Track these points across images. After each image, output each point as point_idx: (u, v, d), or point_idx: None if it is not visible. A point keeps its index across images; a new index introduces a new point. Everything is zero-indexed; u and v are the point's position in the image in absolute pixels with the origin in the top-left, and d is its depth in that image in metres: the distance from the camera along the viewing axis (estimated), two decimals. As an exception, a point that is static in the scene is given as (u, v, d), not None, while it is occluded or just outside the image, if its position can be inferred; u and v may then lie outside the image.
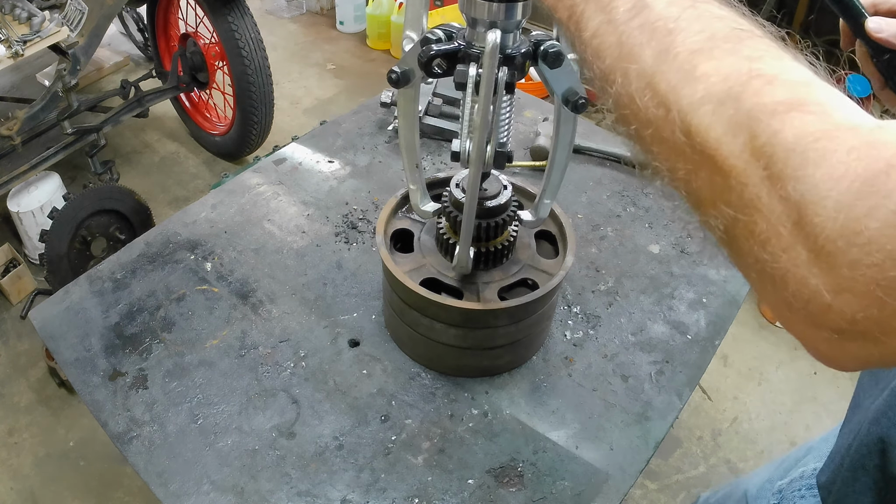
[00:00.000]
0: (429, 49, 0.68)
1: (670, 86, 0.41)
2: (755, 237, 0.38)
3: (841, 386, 2.30)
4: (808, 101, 0.36)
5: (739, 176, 0.38)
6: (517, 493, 0.82)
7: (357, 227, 1.16)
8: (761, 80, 0.38)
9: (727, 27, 0.42)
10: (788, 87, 0.37)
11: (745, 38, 0.41)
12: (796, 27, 2.69)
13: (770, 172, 0.36)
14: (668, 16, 0.43)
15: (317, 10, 4.19)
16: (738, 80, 0.38)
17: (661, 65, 0.42)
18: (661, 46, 0.42)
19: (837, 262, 0.34)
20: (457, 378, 0.94)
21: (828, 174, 0.34)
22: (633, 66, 0.43)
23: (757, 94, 0.37)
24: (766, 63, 0.39)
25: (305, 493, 0.81)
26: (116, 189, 2.32)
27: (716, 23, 0.42)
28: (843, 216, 0.33)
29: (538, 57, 0.69)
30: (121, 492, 1.93)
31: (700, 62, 0.40)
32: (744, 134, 0.37)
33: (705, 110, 0.39)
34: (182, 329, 0.98)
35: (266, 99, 2.68)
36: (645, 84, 0.42)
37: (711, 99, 0.39)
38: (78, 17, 2.16)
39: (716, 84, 0.39)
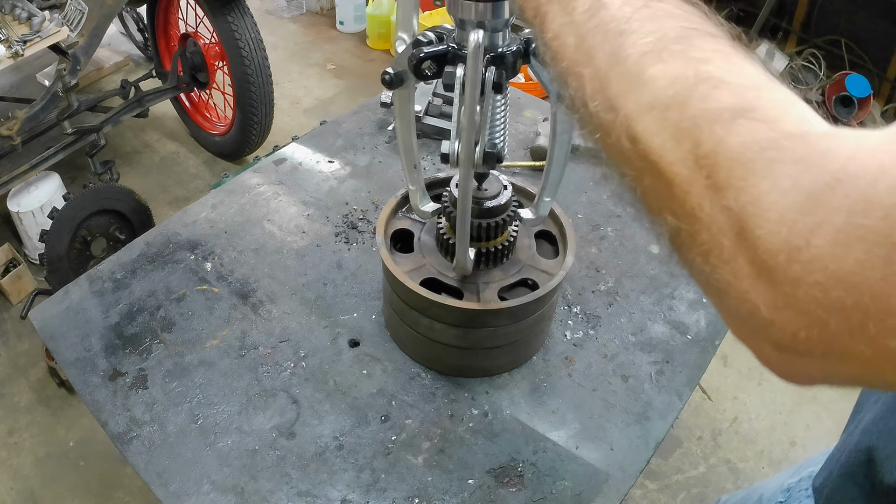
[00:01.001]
0: (419, 52, 0.68)
1: (619, 90, 0.40)
2: (697, 247, 0.36)
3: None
4: (756, 107, 0.35)
5: (682, 184, 0.36)
6: (517, 493, 0.82)
7: (357, 227, 1.16)
8: (708, 84, 0.37)
9: (678, 27, 0.40)
10: (736, 91, 0.36)
11: (695, 39, 0.40)
12: (796, 27, 2.69)
13: (713, 182, 0.35)
14: (622, 16, 0.42)
15: (317, 10, 4.19)
16: (684, 84, 0.37)
17: (612, 68, 0.41)
18: (612, 49, 0.41)
19: (779, 278, 0.32)
20: (457, 378, 0.94)
21: (773, 186, 0.33)
22: (587, 69, 0.42)
23: (703, 100, 0.36)
24: (714, 65, 0.38)
25: (305, 493, 0.81)
26: (116, 189, 2.32)
27: (668, 22, 0.41)
28: (787, 231, 0.32)
29: (530, 54, 0.69)
30: (121, 492, 1.93)
31: (648, 65, 0.39)
32: (688, 141, 0.36)
33: (651, 116, 0.38)
34: (182, 329, 0.98)
35: (266, 99, 2.68)
36: (596, 88, 0.41)
37: (657, 104, 0.38)
38: (78, 17, 2.16)
39: (662, 88, 0.38)
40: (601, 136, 0.42)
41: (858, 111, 2.40)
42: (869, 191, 0.30)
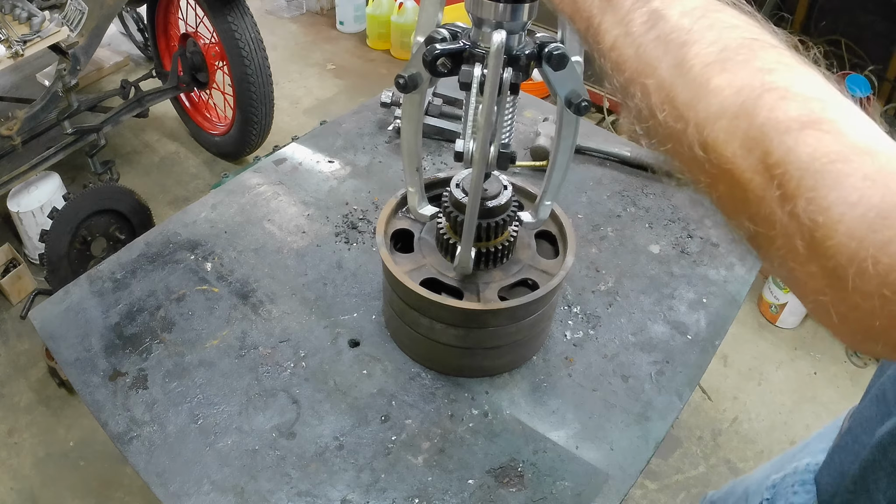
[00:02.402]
0: (433, 48, 0.68)
1: (686, 100, 0.41)
2: (775, 250, 0.38)
3: (841, 386, 2.30)
4: (823, 119, 0.36)
5: (756, 191, 0.37)
6: (517, 493, 0.82)
7: (357, 227, 1.16)
8: (774, 93, 0.37)
9: (740, 37, 0.41)
10: (802, 101, 0.37)
11: (757, 49, 0.40)
12: (796, 27, 2.68)
13: (784, 190, 0.36)
14: (682, 27, 0.43)
15: (317, 10, 4.18)
16: (750, 93, 0.38)
17: (677, 78, 0.41)
18: (675, 60, 0.42)
19: (849, 287, 0.34)
20: (457, 378, 0.94)
21: (841, 198, 0.33)
22: (651, 80, 0.43)
23: (770, 109, 0.37)
24: (778, 75, 0.38)
25: (305, 493, 0.81)
26: (116, 189, 2.32)
27: (728, 33, 0.41)
28: (856, 245, 0.33)
29: (542, 59, 0.69)
30: (121, 492, 1.93)
31: (713, 75, 0.40)
32: (758, 150, 0.37)
33: (720, 125, 0.39)
34: (182, 329, 0.98)
35: (266, 99, 2.68)
36: (663, 98, 0.42)
37: (725, 113, 0.39)
38: (78, 17, 2.16)
39: (729, 98, 0.39)
40: (673, 145, 0.42)
41: (858, 111, 2.40)
42: None
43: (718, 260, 1.13)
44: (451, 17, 0.74)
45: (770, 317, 2.49)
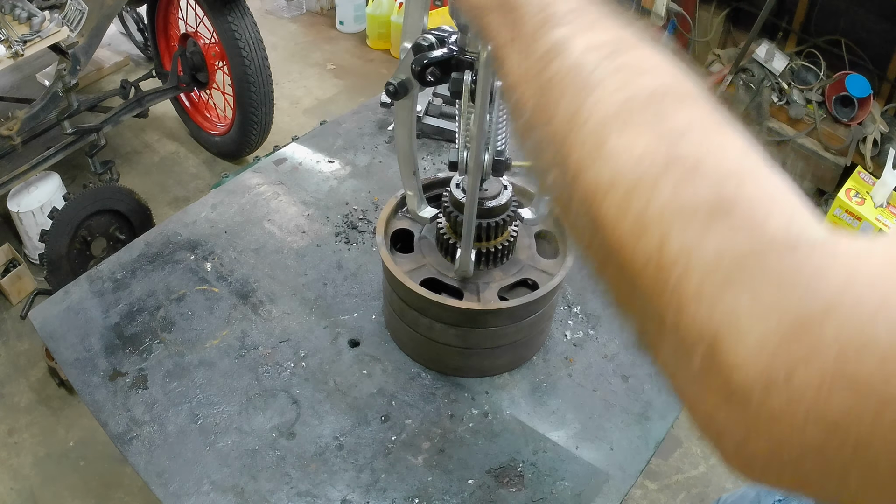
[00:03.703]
0: (422, 57, 0.68)
1: (578, 160, 0.34)
2: (663, 355, 0.32)
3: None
4: (737, 204, 0.30)
5: (647, 286, 0.31)
6: (517, 493, 0.82)
7: (357, 227, 1.16)
8: (681, 168, 0.31)
9: (651, 85, 0.34)
10: (714, 181, 0.30)
11: (669, 103, 0.34)
12: (796, 27, 2.68)
13: (682, 289, 0.29)
14: (584, 65, 0.36)
15: (317, 10, 4.18)
16: (652, 165, 0.31)
17: (570, 131, 0.35)
18: (572, 107, 0.35)
19: (753, 409, 0.28)
20: (457, 378, 0.94)
21: (753, 303, 0.28)
22: (546, 127, 0.37)
23: (675, 189, 0.30)
24: (689, 142, 0.32)
25: (305, 493, 0.81)
26: (116, 189, 2.32)
27: (639, 79, 0.35)
28: (766, 359, 0.27)
29: None
30: (121, 492, 1.93)
31: (611, 134, 0.33)
32: (654, 236, 0.30)
33: (611, 199, 0.32)
34: (182, 329, 0.98)
35: (266, 99, 2.68)
36: (555, 155, 0.36)
37: (619, 185, 0.32)
38: (78, 17, 2.16)
39: (626, 166, 0.32)
40: (562, 211, 0.36)
41: (858, 111, 2.40)
42: (866, 328, 0.25)
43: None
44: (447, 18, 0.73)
45: (770, 317, 2.49)
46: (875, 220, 2.11)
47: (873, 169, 2.36)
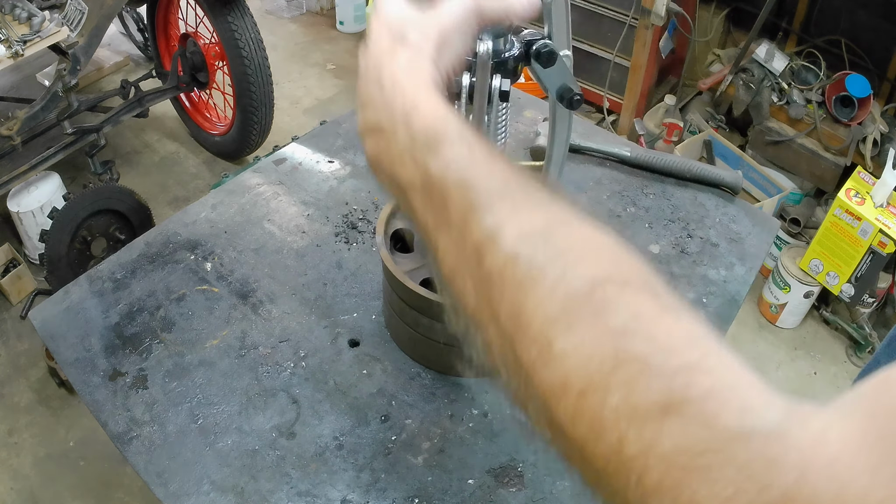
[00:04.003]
0: None
1: (528, 362, 0.34)
2: None
3: (841, 386, 2.30)
4: (689, 398, 0.30)
5: (611, 480, 0.31)
6: (517, 493, 0.82)
7: (357, 227, 1.16)
8: (630, 367, 0.31)
9: (590, 277, 0.34)
10: (663, 379, 0.31)
11: (610, 296, 0.34)
12: (796, 27, 2.68)
13: (645, 486, 0.30)
14: (519, 258, 0.35)
15: (317, 10, 4.18)
16: (601, 365, 0.32)
17: (517, 333, 0.35)
18: (514, 307, 0.35)
19: None
20: (457, 378, 0.94)
21: (713, 495, 0.28)
22: (491, 326, 0.36)
23: (626, 389, 0.31)
24: (636, 338, 0.32)
25: (305, 493, 0.81)
26: (116, 189, 2.32)
27: (576, 268, 0.35)
28: None
29: (530, 57, 0.69)
30: (121, 492, 1.93)
31: (558, 336, 0.33)
32: (612, 436, 0.31)
33: (567, 401, 0.32)
34: (182, 329, 0.98)
35: (266, 99, 2.68)
36: (505, 353, 0.36)
37: (571, 389, 0.32)
38: (78, 17, 2.16)
39: (576, 368, 0.32)
40: (520, 408, 0.36)
41: (858, 111, 2.40)
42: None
43: (718, 260, 1.13)
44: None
45: (770, 317, 2.49)
46: (875, 220, 2.11)
47: (873, 169, 2.37)
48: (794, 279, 2.35)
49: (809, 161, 2.56)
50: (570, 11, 0.71)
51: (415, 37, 0.50)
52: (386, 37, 0.50)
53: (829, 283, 2.29)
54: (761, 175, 2.60)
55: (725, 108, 2.83)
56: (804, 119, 2.55)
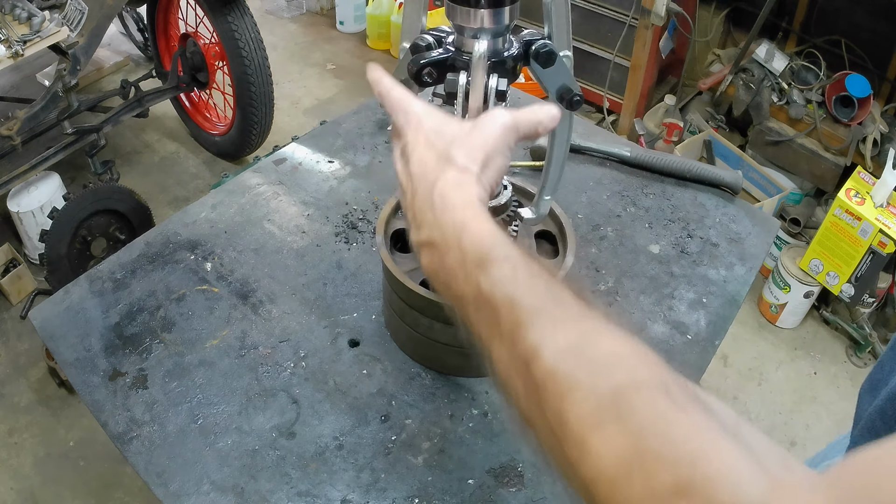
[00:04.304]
0: (419, 58, 0.67)
1: (570, 456, 0.41)
2: None
3: (841, 386, 2.30)
4: (692, 482, 0.36)
5: None
6: (517, 493, 0.82)
7: (357, 227, 1.16)
8: (648, 459, 0.38)
9: (615, 384, 0.41)
10: (672, 468, 0.37)
11: (632, 401, 0.40)
12: (796, 27, 2.68)
13: None
14: (558, 371, 0.43)
15: (317, 10, 4.18)
16: (625, 460, 0.38)
17: (561, 432, 0.42)
18: (556, 412, 0.42)
19: None
20: (457, 378, 0.94)
21: None
22: (540, 423, 0.44)
23: (644, 479, 0.38)
24: (652, 435, 0.39)
25: (305, 493, 0.81)
26: (116, 189, 2.32)
27: (603, 379, 0.42)
28: None
29: (529, 57, 0.69)
30: (121, 492, 1.93)
31: (589, 433, 0.40)
32: None
33: (601, 490, 0.39)
34: (182, 329, 0.98)
35: (266, 99, 2.68)
36: (553, 446, 0.43)
37: (603, 480, 0.39)
38: (78, 17, 2.16)
39: (606, 463, 0.39)
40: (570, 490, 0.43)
41: (858, 111, 2.40)
42: None
43: (718, 260, 1.13)
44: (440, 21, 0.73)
45: (770, 317, 2.49)
46: (875, 220, 2.11)
47: (873, 169, 2.37)
48: (794, 279, 2.35)
49: (809, 161, 2.56)
50: (570, 12, 0.71)
51: (462, 159, 0.56)
52: (433, 156, 0.57)
53: (829, 283, 2.29)
54: (761, 175, 2.60)
55: (725, 108, 2.83)
56: (804, 119, 2.55)
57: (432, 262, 0.55)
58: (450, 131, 0.58)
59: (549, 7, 0.70)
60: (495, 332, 0.48)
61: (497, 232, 0.52)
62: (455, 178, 0.55)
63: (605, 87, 3.02)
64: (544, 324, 0.45)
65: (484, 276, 0.49)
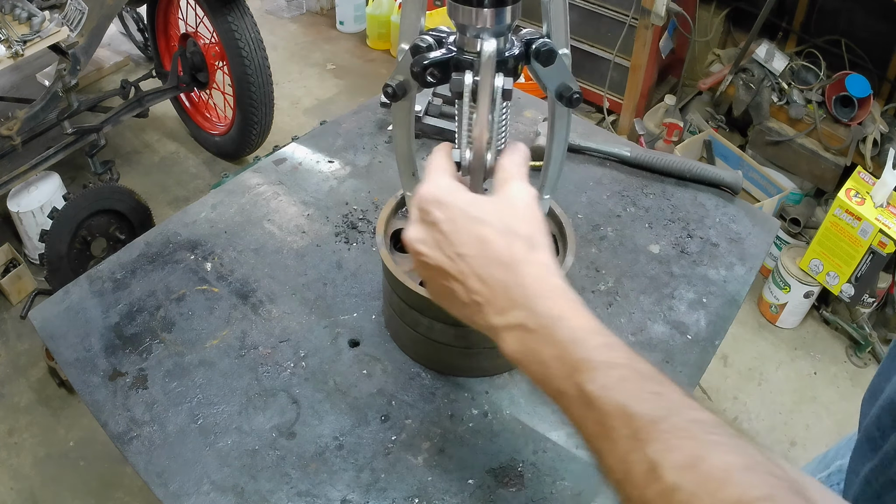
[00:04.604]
0: (422, 58, 0.68)
1: None
2: None
3: (841, 386, 2.30)
4: None
5: None
6: (517, 493, 0.82)
7: (357, 227, 1.16)
8: None
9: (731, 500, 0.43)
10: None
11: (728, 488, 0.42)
12: (796, 27, 2.68)
13: None
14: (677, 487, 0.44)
15: (317, 10, 4.19)
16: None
17: None
18: None
19: None
20: (457, 378, 0.94)
21: None
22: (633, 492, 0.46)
23: None
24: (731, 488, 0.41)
25: (305, 493, 0.81)
26: (116, 189, 2.32)
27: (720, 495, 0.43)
28: None
29: (530, 56, 0.69)
30: (121, 492, 1.94)
31: None
32: None
33: None
34: (182, 329, 0.98)
35: (266, 99, 2.68)
36: None
37: None
38: (78, 17, 2.16)
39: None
40: None
41: (858, 111, 2.40)
42: None
43: (718, 260, 1.13)
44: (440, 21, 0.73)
45: (770, 317, 2.49)
46: (875, 220, 2.11)
47: (873, 169, 2.37)
48: (794, 279, 2.35)
49: (809, 161, 2.56)
50: (570, 11, 0.71)
51: (543, 240, 0.58)
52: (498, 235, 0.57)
53: (829, 283, 2.29)
54: (761, 175, 2.60)
55: (725, 108, 2.83)
56: (804, 119, 2.55)
57: (523, 348, 0.54)
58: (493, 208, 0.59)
59: (548, 6, 0.70)
60: (604, 436, 0.49)
61: (598, 328, 0.53)
62: (547, 262, 0.56)
63: (605, 87, 3.02)
64: (660, 437, 0.46)
65: (589, 379, 0.50)
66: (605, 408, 0.49)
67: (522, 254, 0.56)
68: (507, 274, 0.56)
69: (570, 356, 0.51)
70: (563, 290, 0.56)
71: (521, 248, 0.57)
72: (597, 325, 0.53)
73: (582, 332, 0.53)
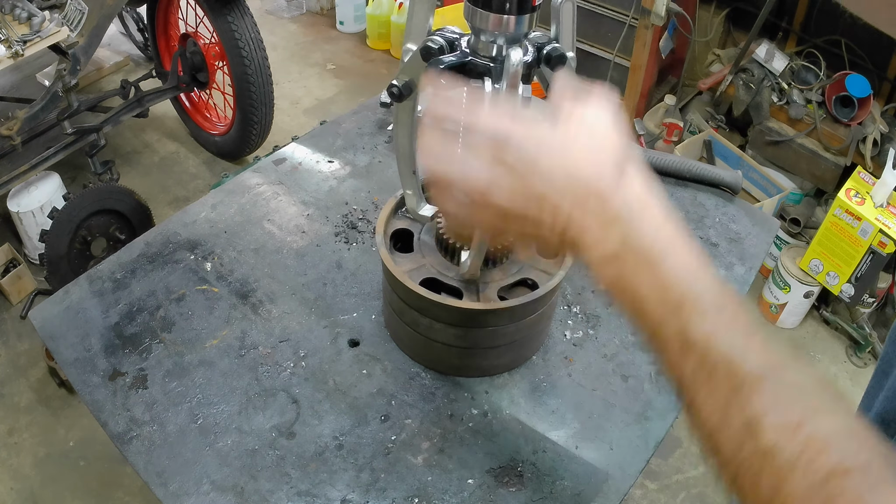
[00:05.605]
0: (437, 62, 0.67)
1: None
2: None
3: (841, 386, 2.30)
4: None
5: None
6: (517, 493, 0.82)
7: (357, 227, 1.16)
8: None
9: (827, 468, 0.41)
10: None
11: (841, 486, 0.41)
12: (796, 27, 2.68)
13: None
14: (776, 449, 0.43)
15: (317, 10, 4.19)
16: None
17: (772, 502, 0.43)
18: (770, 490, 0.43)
19: None
20: (457, 378, 0.94)
21: None
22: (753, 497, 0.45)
23: None
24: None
25: (305, 493, 0.81)
26: (116, 189, 2.32)
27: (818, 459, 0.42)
28: None
29: (541, 60, 0.69)
30: (121, 492, 1.93)
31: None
32: None
33: None
34: (182, 329, 0.98)
35: (266, 99, 2.68)
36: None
37: None
38: (78, 17, 2.16)
39: None
40: None
41: (858, 111, 2.40)
42: None
43: (718, 260, 1.13)
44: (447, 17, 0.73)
45: (770, 317, 2.49)
46: (875, 220, 2.11)
47: (873, 169, 2.36)
48: (794, 279, 2.35)
49: (809, 161, 2.56)
50: (575, 13, 0.71)
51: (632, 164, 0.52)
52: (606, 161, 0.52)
53: (829, 283, 2.29)
54: (761, 175, 2.60)
55: (725, 108, 2.83)
56: (804, 119, 2.55)
57: (620, 276, 0.50)
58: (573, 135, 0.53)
59: (559, 9, 0.70)
60: (705, 382, 0.47)
61: (704, 263, 0.49)
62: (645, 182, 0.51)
63: (605, 87, 3.02)
64: (767, 393, 0.45)
65: (693, 322, 0.47)
66: (709, 355, 0.46)
67: (614, 173, 0.51)
68: (600, 197, 0.50)
69: (673, 295, 0.47)
70: (663, 219, 0.50)
71: (611, 167, 0.51)
72: (703, 261, 0.49)
73: (685, 268, 0.48)
